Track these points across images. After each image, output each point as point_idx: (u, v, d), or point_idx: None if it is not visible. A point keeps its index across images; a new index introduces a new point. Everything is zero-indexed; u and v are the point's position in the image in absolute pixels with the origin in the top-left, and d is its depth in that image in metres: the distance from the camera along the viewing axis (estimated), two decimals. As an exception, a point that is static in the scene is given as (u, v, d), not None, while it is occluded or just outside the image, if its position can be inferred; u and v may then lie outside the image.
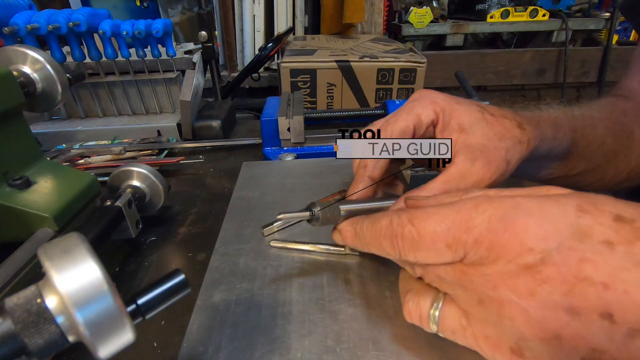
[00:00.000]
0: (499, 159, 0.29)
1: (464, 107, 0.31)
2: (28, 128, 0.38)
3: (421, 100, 0.32)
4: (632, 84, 0.45)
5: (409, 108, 0.32)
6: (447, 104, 0.31)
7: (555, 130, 0.34)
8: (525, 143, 0.31)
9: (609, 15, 1.60)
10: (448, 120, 0.31)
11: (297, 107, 0.62)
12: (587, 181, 0.41)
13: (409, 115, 0.31)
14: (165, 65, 0.74)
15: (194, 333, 0.26)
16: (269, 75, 1.46)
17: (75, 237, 0.16)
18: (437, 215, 0.21)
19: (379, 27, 1.61)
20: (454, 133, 0.31)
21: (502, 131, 0.30)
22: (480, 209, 0.20)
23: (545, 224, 0.18)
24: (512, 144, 0.30)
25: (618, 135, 0.39)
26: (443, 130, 0.31)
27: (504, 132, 0.30)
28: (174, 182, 0.59)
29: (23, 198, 0.33)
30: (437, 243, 0.21)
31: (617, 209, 0.18)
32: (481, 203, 0.20)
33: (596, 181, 0.41)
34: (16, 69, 0.38)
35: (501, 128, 0.30)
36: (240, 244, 0.36)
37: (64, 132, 0.69)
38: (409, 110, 0.31)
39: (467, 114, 0.31)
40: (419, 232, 0.21)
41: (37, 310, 0.15)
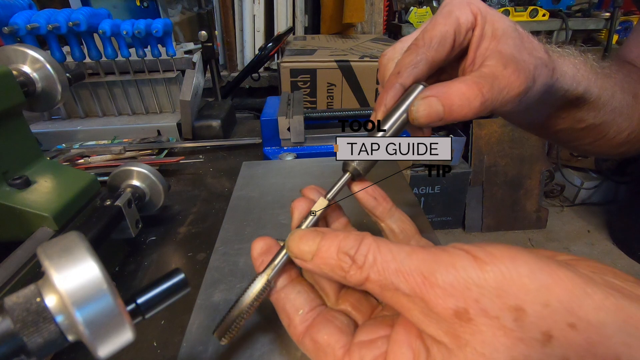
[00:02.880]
0: (527, 71, 0.27)
1: (497, 13, 0.30)
2: (28, 127, 0.38)
3: (456, 3, 0.29)
4: (632, 55, 0.45)
5: (446, 12, 0.28)
6: (482, 6, 0.29)
7: (576, 70, 0.33)
8: (550, 69, 0.30)
9: (609, 15, 1.60)
10: (484, 25, 0.29)
11: (297, 107, 0.62)
12: (590, 139, 0.40)
13: (447, 19, 0.28)
14: (165, 65, 0.74)
15: (193, 332, 0.26)
16: (269, 75, 1.46)
17: (74, 236, 0.16)
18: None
19: (379, 27, 1.61)
20: (486, 40, 0.28)
21: (531, 48, 0.29)
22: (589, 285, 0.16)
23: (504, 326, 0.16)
24: (540, 64, 0.29)
25: (626, 91, 0.39)
26: (481, 37, 0.29)
27: (533, 49, 0.29)
28: (174, 181, 0.59)
29: (23, 197, 0.33)
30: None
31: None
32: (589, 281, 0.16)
33: (598, 140, 0.40)
34: (16, 68, 0.38)
35: (531, 45, 0.29)
36: (240, 243, 0.36)
37: (63, 132, 0.69)
38: (447, 15, 0.28)
39: (501, 20, 0.29)
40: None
41: (37, 310, 0.15)
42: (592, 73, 0.35)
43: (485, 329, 0.16)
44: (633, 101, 0.39)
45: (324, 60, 0.95)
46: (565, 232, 1.95)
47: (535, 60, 0.28)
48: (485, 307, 0.16)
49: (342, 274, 0.19)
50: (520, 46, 0.28)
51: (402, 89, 0.27)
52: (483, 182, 1.84)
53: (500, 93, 0.26)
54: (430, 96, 0.25)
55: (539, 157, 1.83)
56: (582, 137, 0.40)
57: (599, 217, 2.02)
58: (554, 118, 0.37)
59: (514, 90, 0.26)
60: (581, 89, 0.34)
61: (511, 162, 1.83)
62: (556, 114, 0.37)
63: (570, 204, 2.13)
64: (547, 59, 0.30)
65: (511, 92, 0.26)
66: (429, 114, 0.25)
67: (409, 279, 0.18)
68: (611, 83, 0.37)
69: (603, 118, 0.38)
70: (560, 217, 2.05)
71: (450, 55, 0.28)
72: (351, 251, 0.19)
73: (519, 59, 0.27)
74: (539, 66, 0.28)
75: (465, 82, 0.25)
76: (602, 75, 0.37)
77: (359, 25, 1.57)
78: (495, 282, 0.16)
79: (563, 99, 0.34)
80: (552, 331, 0.15)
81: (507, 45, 0.28)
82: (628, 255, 1.77)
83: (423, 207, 1.81)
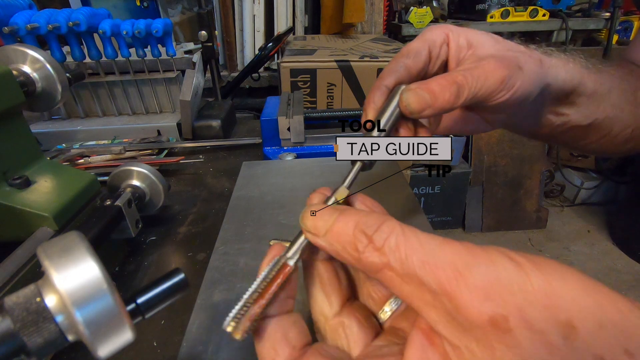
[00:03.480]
0: (507, 60, 0.29)
1: (471, 30, 0.33)
2: (28, 127, 0.38)
3: (429, 29, 0.33)
4: (636, 56, 0.46)
5: (421, 34, 0.33)
6: (455, 27, 0.33)
7: (565, 63, 0.35)
8: (537, 60, 0.31)
9: (609, 15, 1.60)
10: (457, 39, 0.32)
11: (297, 107, 0.62)
12: (595, 137, 0.41)
13: (421, 38, 0.32)
14: (165, 65, 0.74)
15: (193, 332, 0.26)
16: (269, 75, 1.46)
17: (74, 236, 0.16)
18: None
19: (379, 27, 1.61)
20: (462, 50, 0.31)
21: (510, 46, 0.32)
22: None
23: None
24: (524, 56, 0.30)
25: (625, 89, 0.40)
26: (457, 49, 0.32)
27: (513, 47, 0.32)
28: (174, 181, 0.59)
29: (23, 197, 0.33)
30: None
31: None
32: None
33: (603, 137, 0.41)
34: (16, 68, 0.38)
35: (510, 45, 0.32)
36: (240, 243, 0.36)
37: (63, 132, 0.69)
38: (422, 35, 0.33)
39: (475, 33, 0.32)
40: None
41: (37, 309, 0.15)
42: (583, 68, 0.36)
43: (526, 344, 0.13)
44: (634, 98, 0.40)
45: (324, 60, 0.95)
46: (565, 232, 1.95)
47: (516, 53, 0.30)
48: (530, 318, 0.13)
49: (355, 254, 0.17)
50: (497, 46, 0.31)
51: (387, 90, 0.29)
52: (483, 182, 1.84)
53: (477, 80, 0.28)
54: (415, 88, 0.27)
55: (539, 157, 1.83)
56: (588, 136, 0.40)
57: (599, 217, 2.02)
58: (560, 115, 0.38)
59: (493, 77, 0.28)
60: (575, 81, 0.35)
61: (511, 162, 1.83)
62: (556, 110, 0.38)
63: (570, 204, 2.13)
64: (530, 52, 0.32)
65: (490, 78, 0.28)
66: (418, 101, 0.27)
67: (438, 272, 0.15)
68: (606, 78, 0.38)
69: (605, 113, 0.39)
70: (560, 217, 2.05)
71: (430, 65, 0.32)
72: (369, 230, 0.17)
73: (496, 54, 0.30)
74: (521, 56, 0.30)
75: (442, 76, 0.28)
76: (595, 70, 0.38)
77: (359, 25, 1.57)
78: (543, 291, 0.14)
79: (560, 91, 0.35)
80: (605, 356, 0.13)
81: (483, 48, 0.31)
82: (628, 255, 1.77)
83: (423, 207, 1.81)
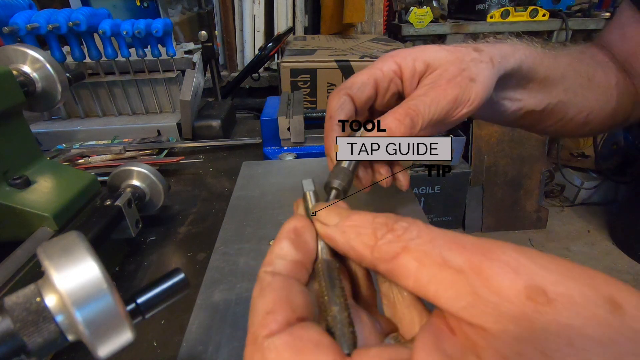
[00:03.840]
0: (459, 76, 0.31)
1: (421, 47, 0.34)
2: (28, 127, 0.38)
3: (381, 58, 0.34)
4: (611, 37, 0.47)
5: (371, 65, 0.33)
6: (406, 53, 0.33)
7: (513, 50, 0.36)
8: (487, 62, 0.33)
9: (609, 15, 1.60)
10: (412, 65, 0.33)
11: (297, 107, 0.62)
12: (552, 121, 0.42)
13: (370, 70, 0.33)
14: (165, 65, 0.74)
15: (193, 332, 0.26)
16: (269, 75, 1.46)
17: (74, 235, 0.16)
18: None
19: (379, 27, 1.61)
20: (417, 76, 0.33)
21: (460, 56, 0.33)
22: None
23: None
24: (474, 64, 0.32)
25: (579, 74, 0.41)
26: (412, 76, 0.33)
27: (463, 56, 0.33)
28: (174, 181, 0.59)
29: (23, 197, 0.33)
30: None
31: None
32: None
33: (559, 121, 0.42)
34: (16, 68, 0.38)
35: (460, 54, 0.33)
36: (240, 243, 0.36)
37: (63, 132, 0.69)
38: (371, 67, 0.33)
39: (431, 52, 0.33)
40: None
41: (37, 309, 0.15)
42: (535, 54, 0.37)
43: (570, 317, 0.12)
44: (588, 83, 0.41)
45: (324, 60, 0.95)
46: (565, 232, 1.95)
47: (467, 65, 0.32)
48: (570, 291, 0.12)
49: (371, 242, 0.16)
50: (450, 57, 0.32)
51: (340, 126, 0.31)
52: (483, 182, 1.84)
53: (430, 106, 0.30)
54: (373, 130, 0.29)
55: (539, 157, 1.83)
56: (544, 120, 0.42)
57: (599, 217, 2.02)
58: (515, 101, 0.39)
59: (445, 99, 0.30)
60: (525, 67, 0.37)
61: (511, 162, 1.83)
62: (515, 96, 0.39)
63: (570, 204, 2.13)
64: (479, 56, 0.33)
65: (442, 100, 0.30)
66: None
67: (465, 252, 0.14)
68: (561, 64, 0.40)
69: (557, 98, 0.40)
70: (560, 217, 2.05)
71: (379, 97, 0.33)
72: (390, 220, 0.16)
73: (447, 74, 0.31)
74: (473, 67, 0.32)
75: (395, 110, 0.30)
76: (550, 56, 0.39)
77: (359, 25, 1.57)
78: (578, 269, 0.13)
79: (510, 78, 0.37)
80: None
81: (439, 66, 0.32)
82: (628, 255, 1.77)
83: (423, 207, 1.81)
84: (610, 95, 0.43)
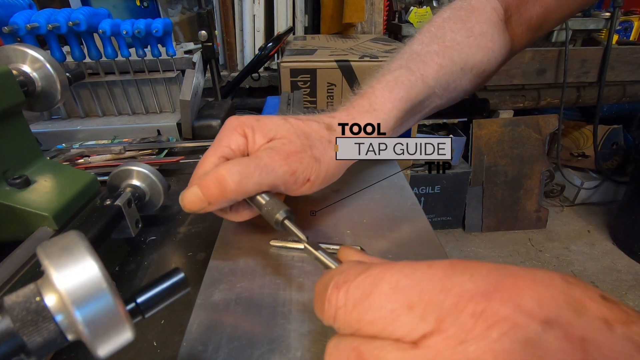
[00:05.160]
0: (301, 153, 0.30)
1: (266, 119, 0.33)
2: (28, 127, 0.38)
3: (225, 131, 0.33)
4: None
5: (216, 142, 0.33)
6: (250, 122, 0.32)
7: (389, 95, 0.36)
8: (334, 143, 0.33)
9: (609, 15, 1.60)
10: (253, 137, 0.32)
11: (297, 107, 0.62)
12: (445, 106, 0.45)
13: (217, 149, 0.32)
14: (165, 64, 0.74)
15: (193, 332, 0.26)
16: (269, 75, 1.46)
17: (74, 235, 0.16)
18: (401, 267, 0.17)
19: (379, 27, 1.61)
20: (258, 146, 0.32)
21: (308, 132, 0.32)
22: (457, 267, 0.16)
23: (538, 288, 0.14)
24: (321, 143, 0.32)
25: (452, 65, 0.41)
26: (253, 148, 0.32)
27: (311, 132, 0.32)
28: (174, 181, 0.59)
29: (22, 197, 0.33)
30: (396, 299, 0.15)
31: (596, 288, 0.15)
32: (456, 263, 0.16)
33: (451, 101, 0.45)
34: (16, 68, 0.38)
35: (308, 129, 0.32)
36: (240, 243, 0.36)
37: (63, 132, 0.69)
38: (216, 145, 0.32)
39: (269, 122, 0.32)
40: (374, 281, 0.16)
41: (36, 309, 0.15)
42: (411, 84, 0.38)
43: None
44: (461, 73, 0.42)
45: (324, 60, 0.95)
46: (565, 232, 1.95)
47: (312, 142, 0.32)
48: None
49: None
50: (292, 135, 0.31)
51: None
52: (483, 182, 1.84)
53: (261, 171, 0.29)
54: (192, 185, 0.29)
55: (539, 157, 1.83)
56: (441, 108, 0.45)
57: (599, 217, 2.02)
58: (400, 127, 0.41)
59: (280, 169, 0.29)
60: (405, 106, 0.37)
61: (511, 162, 1.83)
62: (402, 127, 0.41)
63: (570, 204, 2.13)
64: (329, 135, 0.34)
65: (278, 170, 0.29)
66: (191, 201, 0.30)
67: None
68: (433, 64, 0.40)
69: (436, 102, 0.43)
70: (560, 217, 2.05)
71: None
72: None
73: (291, 147, 0.31)
74: (319, 146, 0.32)
75: (214, 170, 0.29)
76: (421, 62, 0.40)
77: (359, 25, 1.57)
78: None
79: (397, 121, 0.37)
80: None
81: (279, 140, 0.31)
82: (628, 255, 1.77)
83: (423, 207, 1.81)
84: (489, 60, 0.44)
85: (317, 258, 0.24)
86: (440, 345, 0.14)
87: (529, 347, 0.13)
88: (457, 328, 0.14)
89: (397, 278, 0.16)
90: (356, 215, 0.39)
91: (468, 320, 0.14)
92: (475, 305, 0.14)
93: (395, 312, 0.15)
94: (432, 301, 0.15)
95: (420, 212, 0.39)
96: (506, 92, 1.71)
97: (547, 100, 1.74)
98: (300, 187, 0.32)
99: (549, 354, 0.13)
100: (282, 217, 0.28)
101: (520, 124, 1.78)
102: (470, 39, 0.42)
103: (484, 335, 0.14)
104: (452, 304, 0.15)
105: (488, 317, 0.14)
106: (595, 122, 1.84)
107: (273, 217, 0.28)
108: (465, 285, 0.15)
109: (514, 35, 0.46)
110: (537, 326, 0.13)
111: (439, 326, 0.14)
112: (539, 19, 0.44)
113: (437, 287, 0.15)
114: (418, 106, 0.40)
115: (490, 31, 0.43)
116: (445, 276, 0.15)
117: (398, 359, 0.15)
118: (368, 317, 0.16)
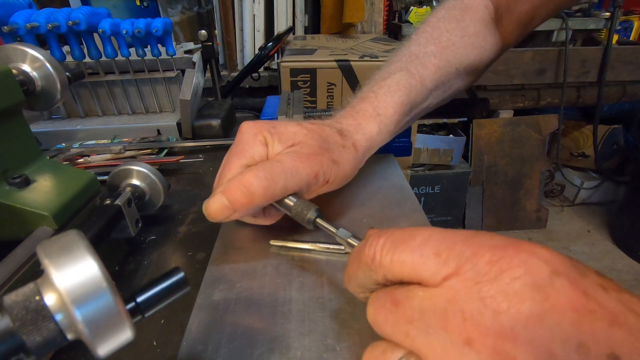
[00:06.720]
0: (320, 156, 0.31)
1: (281, 126, 0.33)
2: (27, 127, 0.38)
3: (247, 138, 0.33)
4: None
5: (239, 149, 0.33)
6: (268, 128, 0.33)
7: (391, 102, 0.37)
8: (350, 147, 0.34)
9: (609, 15, 1.60)
10: (273, 145, 0.32)
11: (297, 107, 0.62)
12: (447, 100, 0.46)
13: (241, 158, 0.32)
14: (165, 64, 0.74)
15: (193, 332, 0.26)
16: (269, 75, 1.46)
17: (74, 234, 0.16)
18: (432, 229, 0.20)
19: (379, 27, 1.61)
20: (276, 153, 0.32)
21: (324, 136, 0.33)
22: (480, 232, 0.19)
23: (549, 251, 0.16)
24: (336, 147, 0.33)
25: (448, 66, 0.42)
26: (272, 156, 0.32)
27: (327, 137, 0.33)
28: (174, 181, 0.59)
29: (22, 196, 0.33)
30: (425, 247, 0.18)
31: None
32: (476, 233, 0.19)
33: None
34: (15, 67, 0.38)
35: (323, 134, 0.33)
36: (240, 242, 0.35)
37: (63, 131, 0.68)
38: (240, 154, 0.32)
39: (285, 130, 0.33)
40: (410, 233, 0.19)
41: (36, 308, 0.15)
42: (411, 87, 0.39)
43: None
44: (456, 73, 0.43)
45: (324, 60, 0.95)
46: (565, 232, 1.95)
47: (329, 146, 0.33)
48: None
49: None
50: (310, 141, 0.32)
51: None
52: (483, 182, 1.84)
53: (286, 174, 0.30)
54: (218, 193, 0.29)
55: (539, 157, 1.83)
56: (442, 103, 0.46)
57: (599, 217, 2.02)
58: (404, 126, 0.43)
59: (304, 171, 0.30)
60: (404, 110, 0.38)
61: (511, 162, 1.83)
62: (402, 127, 0.42)
63: (570, 204, 2.13)
64: (342, 140, 0.34)
65: (302, 172, 0.30)
66: (217, 209, 0.29)
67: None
68: (431, 65, 0.41)
69: (433, 102, 0.43)
70: (560, 217, 2.05)
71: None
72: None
73: (310, 150, 0.31)
74: (336, 150, 0.33)
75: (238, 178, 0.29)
76: (420, 65, 0.40)
77: (359, 25, 1.57)
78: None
79: (396, 125, 0.38)
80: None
81: (298, 144, 0.32)
82: (628, 255, 1.77)
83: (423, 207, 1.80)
84: (481, 59, 0.44)
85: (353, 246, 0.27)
86: (458, 286, 0.17)
87: (536, 290, 0.15)
88: (474, 272, 0.17)
89: (429, 234, 0.19)
90: (356, 215, 0.39)
91: (484, 266, 0.16)
92: (492, 255, 0.17)
93: (423, 257, 0.18)
94: (455, 251, 0.18)
95: (420, 212, 0.39)
96: (506, 92, 1.71)
97: (547, 100, 1.74)
98: (319, 188, 0.33)
99: (554, 295, 0.15)
100: (314, 216, 0.29)
101: (521, 124, 1.78)
102: (465, 39, 0.42)
103: (497, 279, 0.16)
104: (472, 252, 0.17)
105: (502, 265, 0.16)
106: (595, 122, 1.84)
107: (305, 217, 0.29)
108: (485, 240, 0.18)
109: (505, 32, 0.46)
110: (545, 274, 0.16)
111: (458, 270, 0.17)
112: (527, 16, 0.45)
113: (461, 241, 0.18)
114: (415, 108, 0.41)
115: (483, 30, 0.43)
116: (470, 235, 0.18)
117: (423, 295, 0.18)
118: (401, 258, 0.19)
